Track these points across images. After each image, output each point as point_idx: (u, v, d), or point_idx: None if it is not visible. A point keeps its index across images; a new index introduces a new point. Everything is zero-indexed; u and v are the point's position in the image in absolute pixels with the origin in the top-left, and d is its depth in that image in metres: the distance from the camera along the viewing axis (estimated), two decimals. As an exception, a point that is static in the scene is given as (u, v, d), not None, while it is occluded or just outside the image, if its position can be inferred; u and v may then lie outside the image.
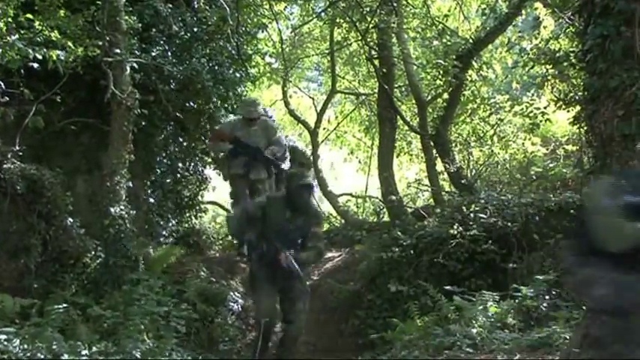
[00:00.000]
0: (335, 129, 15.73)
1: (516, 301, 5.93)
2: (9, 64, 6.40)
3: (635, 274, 3.04)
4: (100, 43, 7.55)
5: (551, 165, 10.37)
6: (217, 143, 8.81)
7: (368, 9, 10.34)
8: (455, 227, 7.70)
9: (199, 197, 11.28)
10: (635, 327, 3.25)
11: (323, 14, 12.02)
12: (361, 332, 7.66)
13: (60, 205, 7.35)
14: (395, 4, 10.05)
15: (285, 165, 8.76)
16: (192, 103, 9.81)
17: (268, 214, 6.14)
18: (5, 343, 4.72)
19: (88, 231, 7.64)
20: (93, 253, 7.49)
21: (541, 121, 10.40)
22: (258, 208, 6.23)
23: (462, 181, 10.27)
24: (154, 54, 8.90)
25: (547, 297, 5.99)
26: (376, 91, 11.90)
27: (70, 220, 7.49)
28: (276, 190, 8.48)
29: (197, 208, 11.20)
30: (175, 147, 10.49)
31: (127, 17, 8.18)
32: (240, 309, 8.29)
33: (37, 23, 6.98)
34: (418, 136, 11.54)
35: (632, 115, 3.87)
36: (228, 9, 9.29)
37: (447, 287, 6.50)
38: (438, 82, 11.05)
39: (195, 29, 9.67)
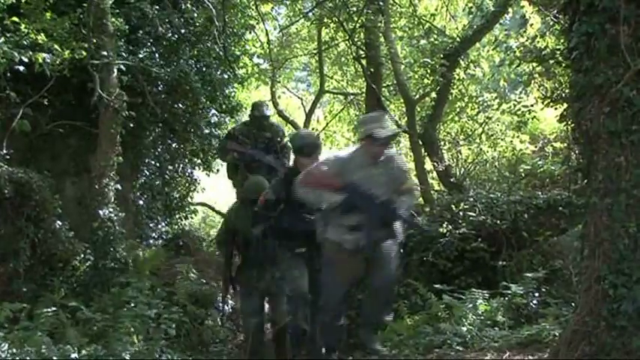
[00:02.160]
0: (324, 129, 15.72)
1: (506, 298, 5.94)
2: (-5, 67, 6.38)
3: None
4: (87, 45, 7.53)
5: (539, 162, 10.39)
6: (318, 190, 5.32)
7: (355, 9, 10.33)
8: (444, 226, 7.69)
9: (189, 199, 11.29)
10: None
11: (310, 14, 11.99)
12: (352, 332, 7.65)
13: (48, 208, 7.31)
14: (381, 4, 10.04)
15: None
16: (180, 105, 9.81)
17: None
18: (-6, 347, 4.71)
19: (77, 234, 7.62)
20: (82, 255, 7.47)
21: (529, 118, 10.43)
22: None
23: (451, 180, 10.26)
24: (141, 56, 8.91)
25: (536, 294, 6.00)
26: (364, 90, 11.88)
27: (59, 223, 7.46)
28: None
29: (187, 209, 11.21)
30: (164, 149, 10.50)
31: (113, 19, 8.17)
32: (230, 310, 8.27)
33: (23, 26, 6.97)
34: (406, 135, 11.52)
35: (618, 112, 3.87)
36: (214, 10, 9.29)
37: (437, 286, 6.50)
38: (425, 81, 11.04)
39: (183, 31, 9.67)
